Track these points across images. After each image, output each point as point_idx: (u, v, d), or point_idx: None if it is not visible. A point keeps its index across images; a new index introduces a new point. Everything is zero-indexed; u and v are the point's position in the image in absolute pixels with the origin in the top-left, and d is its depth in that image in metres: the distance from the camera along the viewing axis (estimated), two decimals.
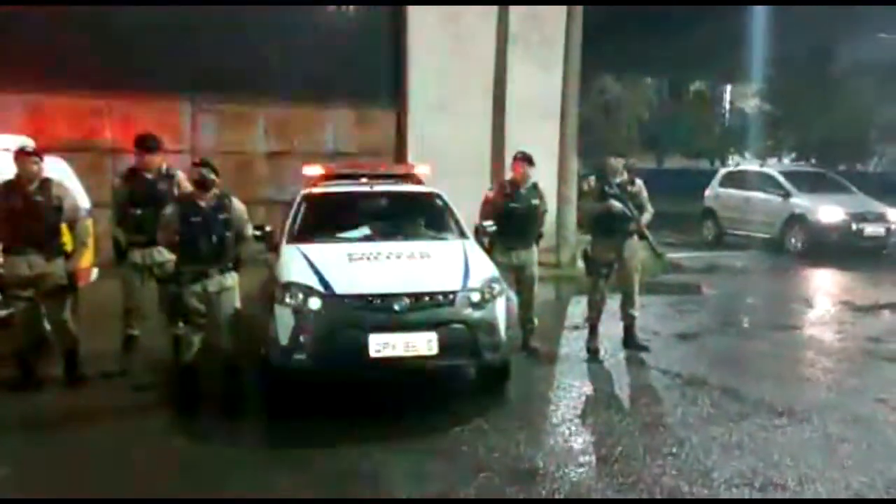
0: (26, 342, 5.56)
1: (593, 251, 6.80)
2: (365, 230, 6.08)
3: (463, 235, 6.23)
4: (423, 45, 12.40)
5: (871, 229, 12.92)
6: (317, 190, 6.63)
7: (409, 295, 4.99)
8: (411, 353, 4.90)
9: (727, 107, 40.46)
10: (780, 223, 13.54)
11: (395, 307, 4.94)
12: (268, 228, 5.89)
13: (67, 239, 5.66)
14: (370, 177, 7.03)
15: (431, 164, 7.65)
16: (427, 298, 5.03)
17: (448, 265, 5.44)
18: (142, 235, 5.81)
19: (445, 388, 5.67)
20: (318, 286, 5.03)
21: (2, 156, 5.98)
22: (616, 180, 6.67)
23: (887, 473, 4.28)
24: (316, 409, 5.20)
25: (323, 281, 5.07)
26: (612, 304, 6.90)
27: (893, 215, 13.20)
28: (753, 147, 28.78)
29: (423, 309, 4.99)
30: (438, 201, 6.66)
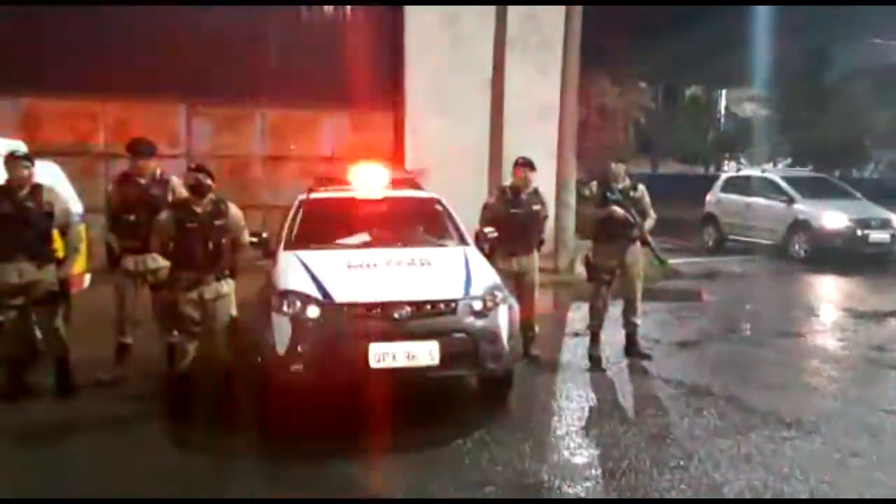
0: (16, 351, 5.41)
1: (595, 257, 6.70)
2: (364, 237, 5.96)
3: (463, 242, 6.11)
4: (420, 48, 12.32)
5: (876, 235, 12.77)
6: (315, 195, 6.51)
7: (410, 303, 4.87)
8: (412, 363, 4.78)
9: (722, 112, 40.52)
10: (783, 229, 13.42)
11: (396, 316, 4.80)
12: (264, 234, 5.77)
13: (59, 245, 5.53)
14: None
15: (429, 167, 7.54)
16: (428, 307, 4.91)
17: (449, 272, 5.33)
18: (135, 241, 5.66)
19: (446, 398, 5.55)
20: (317, 294, 4.91)
21: None
22: (618, 186, 6.58)
23: None
24: (313, 419, 5.07)
25: (321, 289, 4.95)
26: (612, 311, 6.79)
27: None
28: (748, 152, 28.80)
29: (425, 318, 4.87)
30: (438, 207, 6.54)
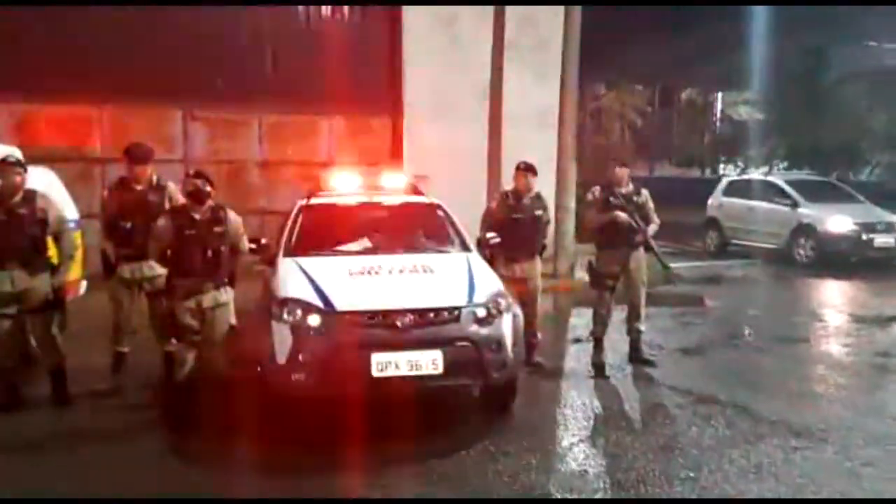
0: (10, 360, 5.30)
1: (598, 263, 6.62)
2: (365, 243, 5.86)
3: (466, 248, 6.01)
4: (418, 52, 12.25)
5: (882, 240, 12.63)
6: (315, 201, 6.41)
7: (413, 311, 4.78)
8: (415, 372, 4.68)
9: (718, 115, 40.51)
10: (787, 233, 13.30)
11: (398, 324, 4.72)
12: (264, 241, 5.67)
13: (53, 252, 5.42)
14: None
15: (429, 174, 7.47)
16: (431, 315, 4.81)
17: (452, 279, 5.23)
18: (132, 249, 5.57)
19: (448, 407, 5.45)
20: (318, 302, 4.81)
21: None
22: (621, 190, 6.50)
23: None
24: (314, 429, 4.97)
25: (322, 296, 4.85)
26: (615, 317, 6.71)
27: None
28: (744, 155, 28.75)
29: (428, 326, 4.78)
30: (440, 212, 6.45)
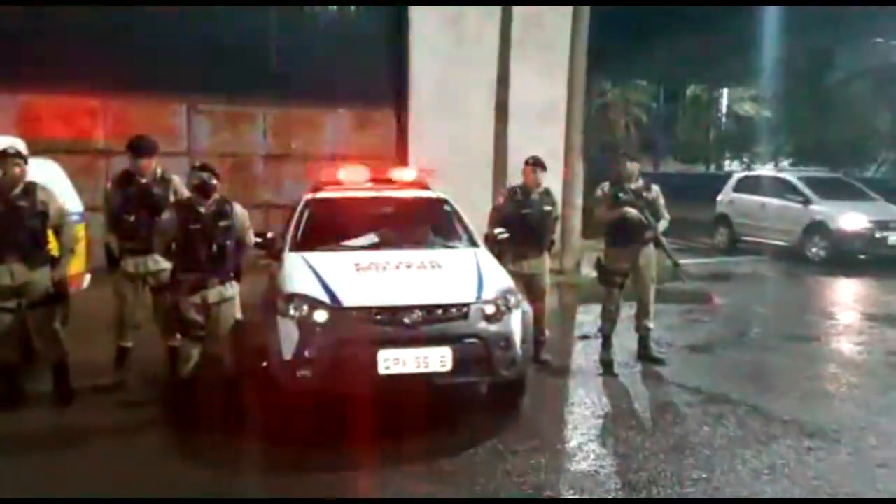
0: (11, 355, 5.23)
1: (607, 260, 6.54)
2: (372, 238, 5.78)
3: (473, 243, 5.95)
4: (424, 47, 12.17)
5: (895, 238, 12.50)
6: (321, 195, 6.34)
7: (421, 307, 4.70)
8: (423, 369, 4.61)
9: (723, 111, 40.32)
10: (799, 230, 13.16)
11: (406, 320, 4.65)
12: (269, 235, 5.61)
13: (54, 246, 5.34)
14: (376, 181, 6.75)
15: (433, 168, 7.39)
16: (440, 311, 4.74)
17: (461, 275, 5.16)
18: (136, 242, 5.49)
19: (455, 405, 5.37)
20: (325, 298, 4.74)
21: None
22: (631, 186, 6.41)
23: None
24: (320, 427, 4.90)
25: (329, 292, 4.78)
26: (623, 314, 6.63)
27: None
28: (750, 152, 28.62)
29: (436, 322, 4.70)
30: (447, 207, 6.38)
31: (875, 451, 4.70)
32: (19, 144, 5.82)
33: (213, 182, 4.99)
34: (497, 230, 6.19)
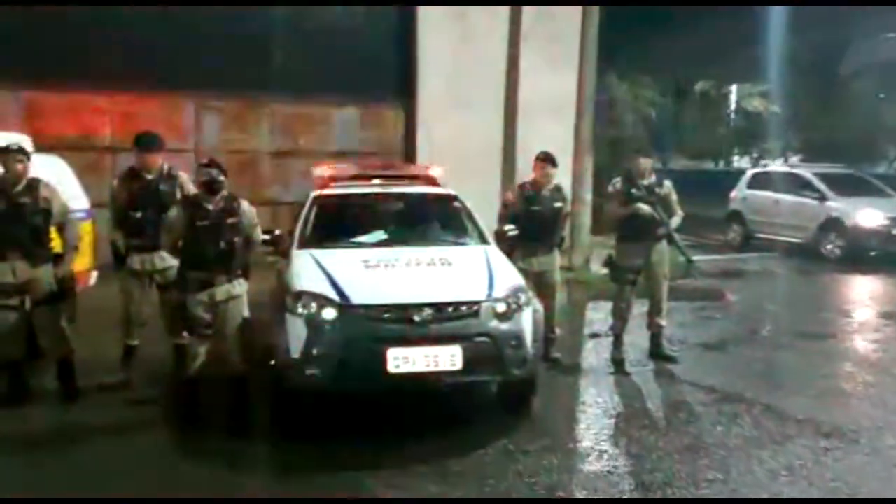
0: (16, 352, 5.17)
1: (619, 257, 6.45)
2: (381, 234, 5.71)
3: (484, 240, 5.86)
4: (432, 42, 12.08)
5: None
6: (329, 191, 6.27)
7: (431, 305, 4.61)
8: (433, 368, 4.52)
9: (732, 107, 40.06)
10: (814, 227, 12.98)
11: (416, 319, 4.56)
12: (278, 232, 5.54)
13: (57, 243, 5.29)
14: (383, 178, 6.68)
15: (441, 164, 7.31)
16: (450, 309, 4.65)
17: (471, 273, 5.08)
18: (142, 240, 5.43)
19: (465, 404, 5.31)
20: (333, 295, 4.66)
21: None
22: (643, 181, 6.31)
23: None
24: (328, 426, 4.85)
25: (338, 290, 4.70)
26: (634, 311, 6.55)
27: None
28: (759, 148, 28.44)
29: (446, 320, 4.61)
30: (456, 203, 6.29)
31: (894, 451, 4.61)
32: (25, 141, 5.77)
33: (221, 178, 4.93)
34: (507, 227, 6.12)
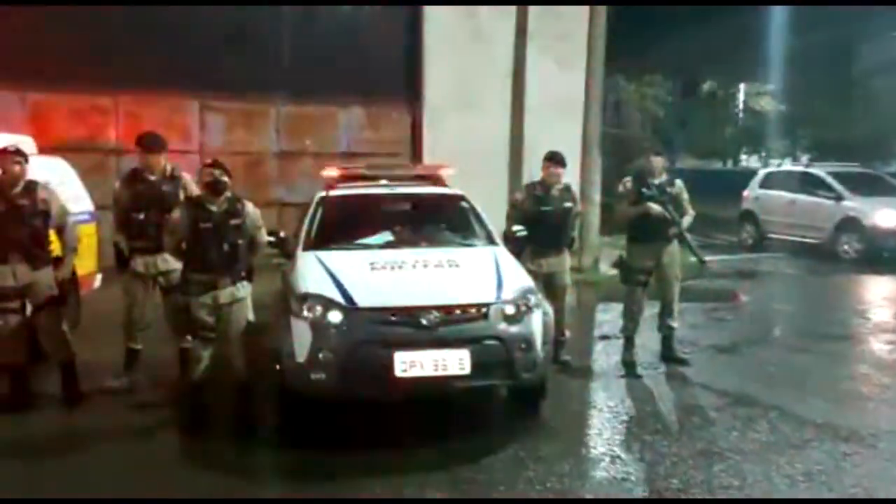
0: (18, 356, 5.10)
1: (630, 257, 6.34)
2: (387, 236, 5.61)
3: (492, 241, 5.76)
4: (439, 42, 12.02)
5: None
6: (334, 192, 6.17)
7: (439, 308, 4.51)
8: (441, 372, 4.42)
9: (740, 106, 39.88)
10: (830, 227, 12.75)
11: (424, 321, 4.46)
12: (283, 234, 5.47)
13: (57, 246, 5.22)
14: (389, 178, 6.58)
15: (448, 163, 7.21)
16: (458, 312, 4.55)
17: (479, 275, 4.98)
18: (145, 242, 5.36)
19: (474, 408, 5.19)
20: (339, 298, 4.57)
21: None
22: (654, 181, 6.21)
23: None
24: (333, 431, 4.75)
25: (343, 292, 4.61)
26: (645, 313, 6.43)
27: None
28: (767, 147, 28.31)
29: (454, 323, 4.51)
30: (464, 204, 6.19)
31: None
32: (27, 143, 5.71)
33: (225, 179, 4.84)
34: (516, 228, 6.00)
